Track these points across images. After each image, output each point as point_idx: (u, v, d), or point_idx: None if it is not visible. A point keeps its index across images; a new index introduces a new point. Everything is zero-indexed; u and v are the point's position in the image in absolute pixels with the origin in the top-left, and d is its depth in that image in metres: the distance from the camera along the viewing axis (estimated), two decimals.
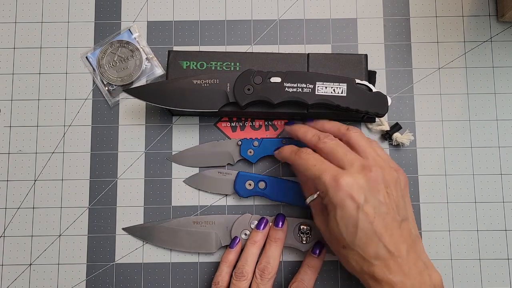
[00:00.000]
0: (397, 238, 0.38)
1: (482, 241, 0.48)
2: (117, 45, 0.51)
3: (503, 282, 0.47)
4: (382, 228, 0.38)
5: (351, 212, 0.38)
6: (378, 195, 0.38)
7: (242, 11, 0.52)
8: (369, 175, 0.39)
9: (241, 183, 0.48)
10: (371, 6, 0.52)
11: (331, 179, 0.39)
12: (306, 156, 0.42)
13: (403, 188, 0.41)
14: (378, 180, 0.39)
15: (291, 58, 0.48)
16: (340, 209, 0.38)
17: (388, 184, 0.39)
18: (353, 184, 0.38)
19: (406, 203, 0.41)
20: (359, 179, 0.38)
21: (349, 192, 0.38)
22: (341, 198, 0.38)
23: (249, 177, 0.48)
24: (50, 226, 0.49)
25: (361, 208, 0.38)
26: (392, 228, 0.38)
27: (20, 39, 0.52)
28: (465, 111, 0.50)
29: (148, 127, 0.50)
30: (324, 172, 0.39)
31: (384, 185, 0.39)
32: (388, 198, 0.39)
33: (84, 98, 0.51)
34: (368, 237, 0.38)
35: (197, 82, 0.46)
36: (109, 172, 0.50)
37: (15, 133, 0.50)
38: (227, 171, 0.49)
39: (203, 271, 0.48)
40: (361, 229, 0.38)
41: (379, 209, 0.38)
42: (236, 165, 0.49)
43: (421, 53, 0.51)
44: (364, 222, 0.38)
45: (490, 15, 0.51)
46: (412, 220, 0.41)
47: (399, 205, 0.39)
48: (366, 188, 0.38)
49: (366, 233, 0.38)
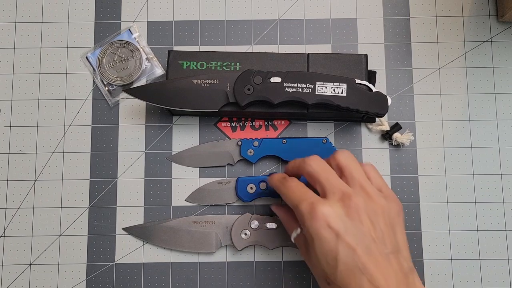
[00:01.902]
0: (383, 271, 0.34)
1: (482, 241, 0.48)
2: (117, 45, 0.51)
3: (503, 282, 0.47)
4: (365, 259, 0.34)
5: (330, 243, 0.35)
6: (359, 225, 0.35)
7: (242, 11, 0.52)
8: (349, 204, 0.36)
9: (243, 188, 0.48)
10: (371, 6, 0.52)
11: (308, 207, 0.36)
12: (289, 184, 0.40)
13: (393, 217, 0.37)
14: (359, 209, 0.36)
15: (291, 58, 0.48)
16: (318, 241, 0.35)
17: (373, 213, 0.36)
18: (330, 213, 0.35)
19: (397, 234, 0.37)
20: (337, 208, 0.35)
21: (326, 221, 0.35)
22: (318, 228, 0.35)
23: (249, 180, 0.48)
24: (50, 226, 0.49)
25: (340, 239, 0.34)
26: (378, 260, 0.34)
27: (20, 39, 0.52)
28: (465, 111, 0.50)
29: (148, 127, 0.50)
30: (302, 199, 0.37)
31: (367, 214, 0.36)
32: (373, 228, 0.35)
33: (84, 98, 0.51)
34: (350, 270, 0.34)
35: (197, 82, 0.46)
36: (109, 172, 0.50)
37: (15, 133, 0.50)
38: (225, 179, 0.48)
39: (203, 271, 0.48)
40: (341, 261, 0.34)
41: (361, 240, 0.35)
42: (236, 165, 0.49)
43: (421, 53, 0.51)
44: (344, 254, 0.34)
45: (490, 15, 0.51)
46: (405, 252, 0.37)
47: (386, 236, 0.36)
48: (345, 218, 0.35)
49: (347, 265, 0.34)
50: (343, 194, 0.36)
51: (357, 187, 0.37)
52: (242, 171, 0.49)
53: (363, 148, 0.49)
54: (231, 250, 0.48)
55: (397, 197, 0.40)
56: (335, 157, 0.39)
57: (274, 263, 0.48)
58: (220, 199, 0.48)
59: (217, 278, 0.48)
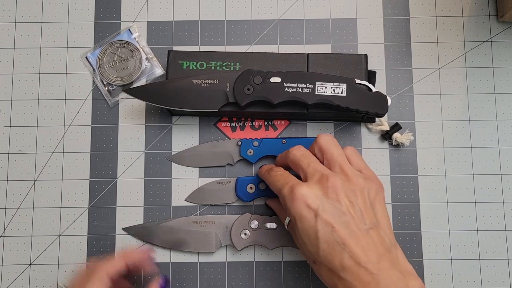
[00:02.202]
0: (364, 246, 0.36)
1: (482, 241, 0.48)
2: (117, 45, 0.51)
3: (503, 282, 0.47)
4: (345, 235, 0.36)
5: (310, 222, 0.37)
6: (337, 203, 0.37)
7: (242, 11, 0.52)
8: (326, 185, 0.37)
9: (242, 188, 0.48)
10: (371, 6, 0.52)
11: (288, 190, 0.38)
12: (275, 173, 0.42)
13: (373, 197, 0.39)
14: (337, 189, 0.37)
15: (291, 58, 0.48)
16: (299, 221, 0.37)
17: (351, 192, 0.38)
18: (308, 194, 0.37)
19: (378, 211, 0.38)
20: (315, 189, 0.37)
21: (304, 201, 0.37)
22: (298, 208, 0.37)
23: (249, 180, 0.48)
24: (50, 226, 0.49)
25: (319, 216, 0.36)
26: (358, 236, 0.36)
27: (20, 39, 0.52)
28: (465, 111, 0.50)
29: (148, 127, 0.50)
30: (285, 185, 0.39)
31: (345, 193, 0.37)
32: (351, 206, 0.37)
33: (84, 98, 0.51)
34: (330, 247, 0.36)
35: (197, 82, 0.46)
36: (109, 172, 0.50)
37: (15, 133, 0.50)
38: (225, 179, 0.48)
39: (203, 271, 0.48)
40: (322, 239, 0.36)
41: (339, 217, 0.36)
42: (236, 165, 0.49)
43: (421, 53, 0.51)
44: (324, 231, 0.36)
45: (490, 15, 0.51)
46: (386, 228, 0.38)
47: (365, 213, 0.37)
48: (322, 197, 0.37)
49: (328, 242, 0.36)
50: (322, 176, 0.38)
51: (336, 168, 0.39)
52: (242, 171, 0.49)
53: (363, 148, 0.49)
54: (231, 250, 0.48)
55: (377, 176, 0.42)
56: (317, 141, 0.41)
57: (274, 263, 0.48)
58: (220, 199, 0.48)
59: (217, 278, 0.48)
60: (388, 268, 0.35)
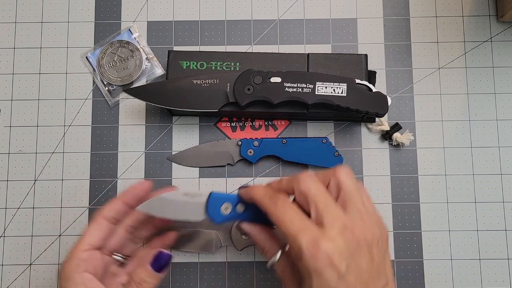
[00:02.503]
0: None
1: (482, 241, 0.48)
2: (117, 45, 0.51)
3: (503, 282, 0.47)
4: None
5: (331, 283, 0.32)
6: (360, 261, 0.33)
7: (242, 11, 0.52)
8: (351, 239, 0.33)
9: (215, 207, 0.39)
10: (371, 6, 0.52)
11: (310, 242, 0.33)
12: (283, 205, 0.36)
13: (384, 247, 0.36)
14: (361, 243, 0.34)
15: (291, 58, 0.48)
16: (317, 279, 0.33)
17: (371, 245, 0.34)
18: (334, 251, 0.32)
19: (386, 263, 0.36)
20: (340, 245, 0.33)
21: (329, 260, 0.32)
22: (320, 267, 0.32)
23: (225, 198, 0.39)
24: (50, 226, 0.49)
25: (343, 279, 0.32)
26: None
27: (20, 39, 0.52)
28: (465, 111, 0.50)
29: (148, 127, 0.50)
30: (302, 232, 0.33)
31: (367, 247, 0.34)
32: (371, 263, 0.34)
33: (84, 98, 0.51)
34: None
35: (197, 82, 0.46)
36: (109, 172, 0.50)
37: (15, 133, 0.50)
38: (195, 192, 0.40)
39: (203, 271, 0.48)
40: None
41: (361, 277, 0.33)
42: (236, 165, 0.49)
43: (421, 53, 0.51)
44: None
45: (490, 15, 0.51)
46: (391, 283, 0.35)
47: (380, 268, 0.35)
48: (347, 254, 0.33)
49: None
50: (345, 228, 0.34)
51: (354, 213, 0.35)
52: (242, 171, 0.49)
53: (363, 148, 0.49)
54: (231, 250, 0.48)
55: None
56: (336, 175, 0.36)
57: None
58: (184, 214, 0.39)
59: (217, 278, 0.48)
60: None
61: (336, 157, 0.48)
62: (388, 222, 0.48)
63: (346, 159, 0.49)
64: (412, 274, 0.47)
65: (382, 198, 0.48)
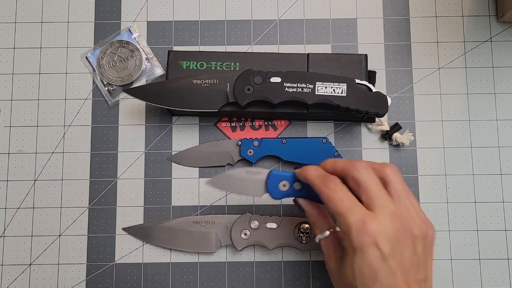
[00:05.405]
0: None
1: (482, 241, 0.48)
2: (117, 45, 0.51)
3: (503, 282, 0.47)
4: (402, 284, 0.34)
5: (372, 262, 0.34)
6: (404, 249, 0.35)
7: (242, 11, 0.52)
8: (399, 226, 0.35)
9: (275, 184, 0.42)
10: (371, 6, 0.52)
11: (358, 220, 0.34)
12: (334, 186, 0.37)
13: (429, 244, 0.36)
14: (407, 233, 0.35)
15: (291, 58, 0.48)
16: (360, 256, 0.34)
17: (416, 239, 0.35)
18: (381, 232, 0.34)
19: (428, 261, 0.36)
20: (388, 228, 0.34)
21: (374, 239, 0.34)
22: (365, 244, 0.34)
23: (283, 176, 0.42)
24: (50, 226, 0.49)
25: (386, 261, 0.34)
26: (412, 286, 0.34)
27: (20, 39, 0.52)
28: (465, 111, 0.50)
29: (148, 127, 0.50)
30: (351, 211, 0.35)
31: (412, 239, 0.35)
32: (414, 255, 0.35)
33: (84, 98, 0.51)
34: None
35: (197, 82, 0.46)
36: (109, 172, 0.50)
37: (15, 133, 0.50)
38: (256, 169, 0.43)
39: (203, 271, 0.48)
40: (379, 282, 0.34)
41: (402, 264, 0.34)
42: (236, 165, 0.49)
43: (421, 53, 0.51)
44: (385, 275, 0.34)
45: (490, 15, 0.51)
46: (429, 281, 0.36)
47: (421, 263, 0.35)
48: (393, 239, 0.34)
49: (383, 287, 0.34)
50: (393, 214, 0.35)
51: (402, 207, 0.36)
52: None
53: (363, 148, 0.49)
54: (231, 250, 0.48)
55: None
56: (383, 170, 0.37)
57: (274, 263, 0.48)
58: (247, 189, 0.43)
59: (217, 278, 0.48)
60: None
61: (336, 157, 0.48)
62: None
63: (346, 159, 0.49)
64: None
65: None
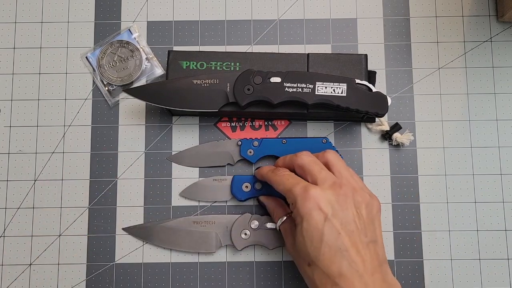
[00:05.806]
0: (363, 257, 0.37)
1: (482, 241, 0.48)
2: (117, 45, 0.51)
3: (503, 282, 0.47)
4: (348, 244, 0.37)
5: (317, 224, 0.38)
6: (346, 212, 0.38)
7: (242, 11, 0.52)
8: (339, 192, 0.39)
9: (238, 186, 0.48)
10: (371, 6, 0.52)
11: (301, 189, 0.39)
12: (281, 173, 0.43)
13: (374, 213, 0.40)
14: (348, 198, 0.39)
15: (291, 58, 0.48)
16: (306, 221, 0.38)
17: (359, 205, 0.39)
18: (321, 196, 0.38)
19: (376, 228, 0.40)
20: (328, 194, 0.39)
21: (317, 203, 0.38)
22: (309, 208, 0.38)
23: (245, 179, 0.48)
24: (50, 226, 0.49)
25: (328, 221, 0.38)
26: (358, 246, 0.37)
27: (20, 39, 0.52)
28: (465, 111, 0.50)
29: (148, 127, 0.50)
30: (297, 184, 0.40)
31: (354, 204, 0.39)
32: (357, 217, 0.39)
33: (84, 98, 0.51)
34: (332, 252, 0.37)
35: (197, 82, 0.46)
36: (109, 172, 0.50)
37: (15, 133, 0.50)
38: (222, 177, 0.49)
39: (203, 271, 0.48)
40: (325, 243, 0.37)
41: (346, 225, 0.38)
42: (236, 165, 0.49)
43: (421, 53, 0.51)
44: (330, 235, 0.37)
45: (490, 15, 0.51)
46: (380, 245, 0.40)
47: (367, 226, 0.39)
48: (334, 203, 0.38)
49: (331, 247, 0.37)
50: (334, 183, 0.40)
51: (344, 180, 0.40)
52: (242, 171, 0.49)
53: (363, 148, 0.49)
54: (231, 250, 0.48)
55: None
56: (324, 155, 0.43)
57: (274, 263, 0.48)
58: (215, 196, 0.48)
59: (217, 278, 0.48)
60: (381, 281, 0.37)
61: None
62: (388, 222, 0.48)
63: (346, 159, 0.49)
64: (412, 274, 0.47)
65: (382, 198, 0.48)
